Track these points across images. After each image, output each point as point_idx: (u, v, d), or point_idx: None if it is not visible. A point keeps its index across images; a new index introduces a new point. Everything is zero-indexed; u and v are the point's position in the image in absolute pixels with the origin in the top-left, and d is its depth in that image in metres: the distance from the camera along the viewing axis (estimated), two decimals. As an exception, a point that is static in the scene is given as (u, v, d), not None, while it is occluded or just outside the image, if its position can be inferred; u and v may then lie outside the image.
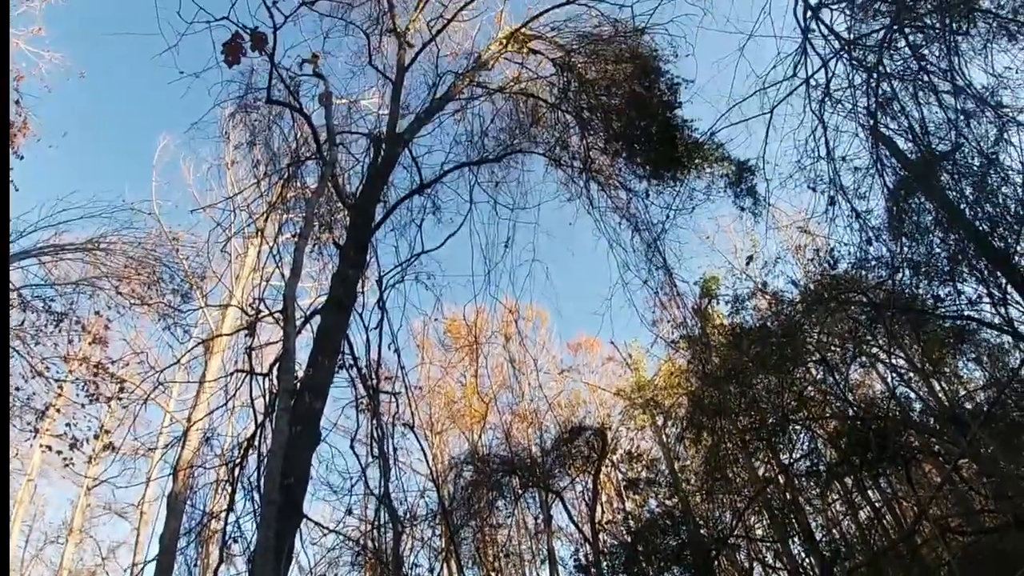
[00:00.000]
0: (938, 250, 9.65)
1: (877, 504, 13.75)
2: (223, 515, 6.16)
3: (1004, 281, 8.86)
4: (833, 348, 11.51)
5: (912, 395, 13.02)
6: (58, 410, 13.43)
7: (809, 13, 8.32)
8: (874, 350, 12.02)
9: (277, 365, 6.29)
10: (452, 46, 10.04)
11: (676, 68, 9.11)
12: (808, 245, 12.95)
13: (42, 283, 12.74)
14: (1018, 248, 8.70)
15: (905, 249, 9.67)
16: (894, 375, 12.48)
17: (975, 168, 8.85)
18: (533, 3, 9.64)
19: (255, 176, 9.30)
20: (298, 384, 5.43)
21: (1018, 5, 8.49)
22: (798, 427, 11.77)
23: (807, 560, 13.11)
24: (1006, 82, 8.71)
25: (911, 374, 12.78)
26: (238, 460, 6.47)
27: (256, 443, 6.22)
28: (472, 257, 8.52)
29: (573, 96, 9.04)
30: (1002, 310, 9.29)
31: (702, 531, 13.29)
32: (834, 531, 14.32)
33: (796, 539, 13.17)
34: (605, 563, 13.74)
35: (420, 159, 8.27)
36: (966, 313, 10.16)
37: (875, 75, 8.52)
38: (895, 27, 8.25)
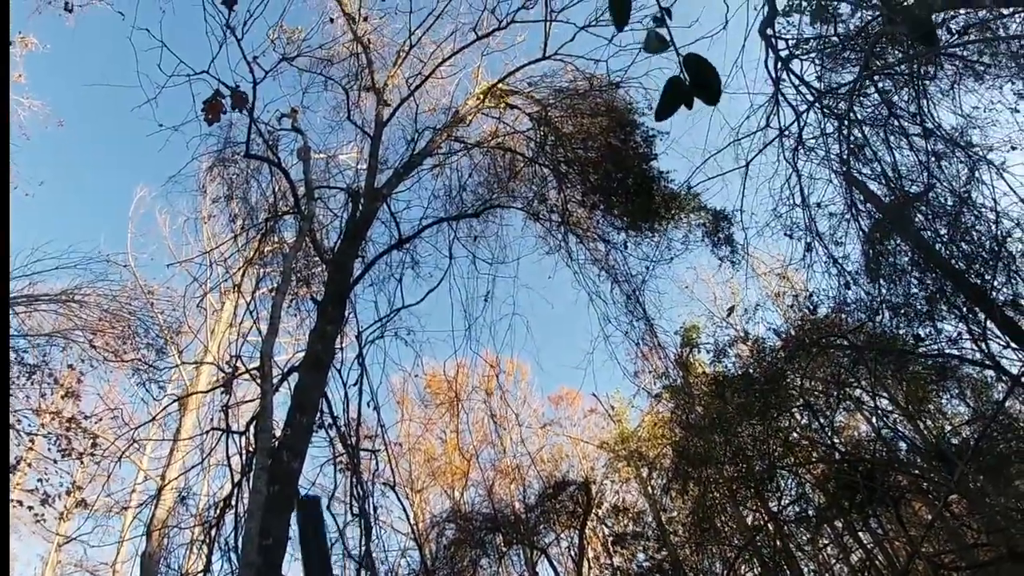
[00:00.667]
0: (916, 290, 9.69)
1: (869, 546, 13.54)
2: (199, 577, 6.00)
3: (983, 317, 8.91)
4: (817, 393, 11.47)
5: (898, 435, 12.99)
6: (29, 464, 13.12)
7: (780, 65, 8.52)
8: (858, 392, 12.00)
9: (254, 423, 6.23)
10: (430, 101, 10.19)
11: (651, 121, 9.28)
12: (787, 292, 13.05)
13: (15, 333, 12.47)
14: (995, 284, 8.79)
15: (883, 291, 9.74)
16: (879, 416, 12.45)
17: (948, 207, 9.01)
18: (510, 59, 9.86)
19: (232, 230, 9.24)
20: (276, 443, 5.32)
21: (982, 46, 8.77)
22: (785, 473, 11.63)
23: (801, 607, 12.83)
24: (974, 122, 8.96)
25: (896, 414, 12.76)
26: (214, 520, 6.33)
27: (233, 503, 6.06)
28: (452, 312, 8.47)
29: (550, 150, 9.13)
30: (983, 345, 9.33)
31: (692, 583, 13.00)
32: (827, 575, 14.08)
33: (788, 586, 12.91)
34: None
35: (399, 214, 8.30)
36: (947, 351, 10.20)
37: (846, 122, 8.72)
38: (864, 74, 8.47)
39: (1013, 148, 8.92)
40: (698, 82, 1.67)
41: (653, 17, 1.82)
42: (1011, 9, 7.89)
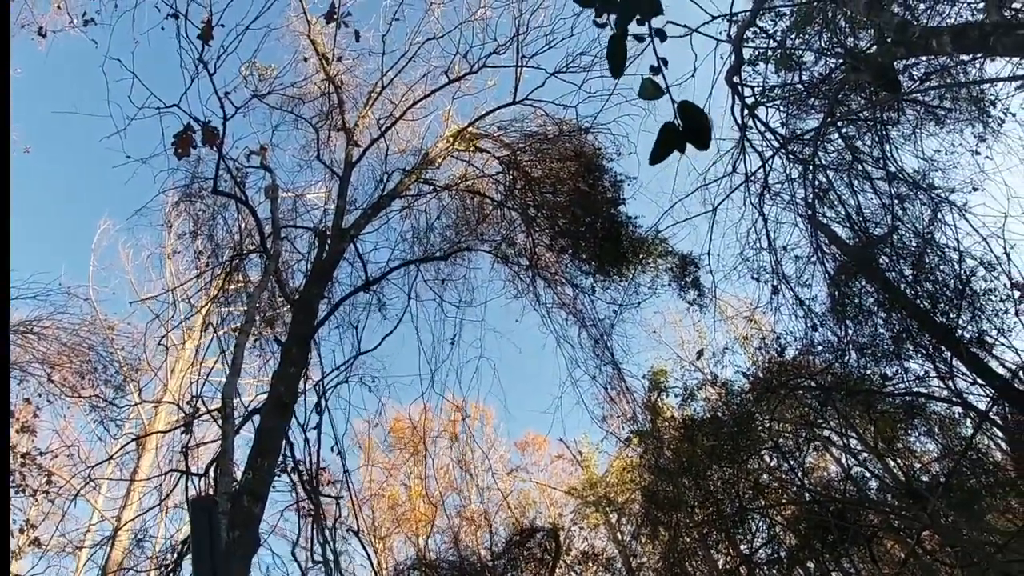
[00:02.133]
0: (882, 330, 9.79)
1: (842, 585, 13.46)
2: (155, 623, 5.82)
3: (949, 355, 9.00)
4: (786, 434, 11.46)
5: (868, 473, 13.01)
6: (-19, 499, 12.55)
7: (746, 112, 8.68)
8: (827, 433, 12.03)
9: (214, 466, 6.07)
10: (400, 143, 10.22)
11: (619, 166, 9.39)
12: (755, 334, 13.13)
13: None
14: (960, 322, 8.90)
15: (850, 332, 9.81)
16: (848, 456, 12.47)
17: (912, 249, 9.15)
18: (480, 103, 9.95)
19: (197, 267, 9.10)
20: (236, 486, 5.20)
21: (943, 91, 9.02)
22: (756, 515, 11.55)
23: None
24: (936, 164, 9.14)
25: (865, 453, 12.79)
26: (171, 565, 6.16)
27: (191, 547, 5.90)
28: (418, 355, 8.38)
29: (519, 194, 9.16)
30: (950, 383, 9.41)
31: (664, 630, 12.74)
32: (800, 616, 13.92)
33: (761, 629, 12.72)
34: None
35: (366, 255, 8.22)
36: (915, 389, 10.27)
37: (811, 167, 8.88)
38: (828, 120, 8.65)
39: (975, 189, 9.09)
40: (691, 128, 1.74)
41: (651, 67, 1.93)
42: (970, 56, 8.15)
